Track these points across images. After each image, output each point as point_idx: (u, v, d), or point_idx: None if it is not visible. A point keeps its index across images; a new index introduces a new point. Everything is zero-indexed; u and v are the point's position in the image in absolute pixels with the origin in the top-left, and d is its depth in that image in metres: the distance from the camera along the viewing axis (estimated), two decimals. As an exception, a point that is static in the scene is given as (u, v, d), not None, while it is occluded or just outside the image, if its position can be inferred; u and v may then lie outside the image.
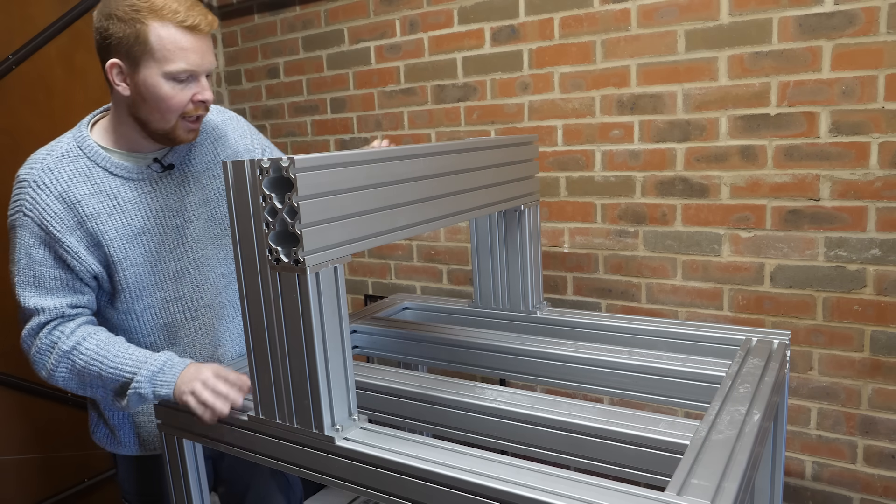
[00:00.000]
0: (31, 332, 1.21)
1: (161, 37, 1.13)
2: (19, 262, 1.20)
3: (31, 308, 1.20)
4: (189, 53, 1.15)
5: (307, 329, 0.97)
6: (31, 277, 1.19)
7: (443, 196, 1.24)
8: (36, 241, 1.18)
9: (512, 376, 1.44)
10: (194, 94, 1.18)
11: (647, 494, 0.82)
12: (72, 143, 1.23)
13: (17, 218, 1.19)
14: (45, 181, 1.18)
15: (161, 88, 1.15)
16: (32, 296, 1.20)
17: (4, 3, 2.05)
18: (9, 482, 2.16)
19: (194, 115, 1.20)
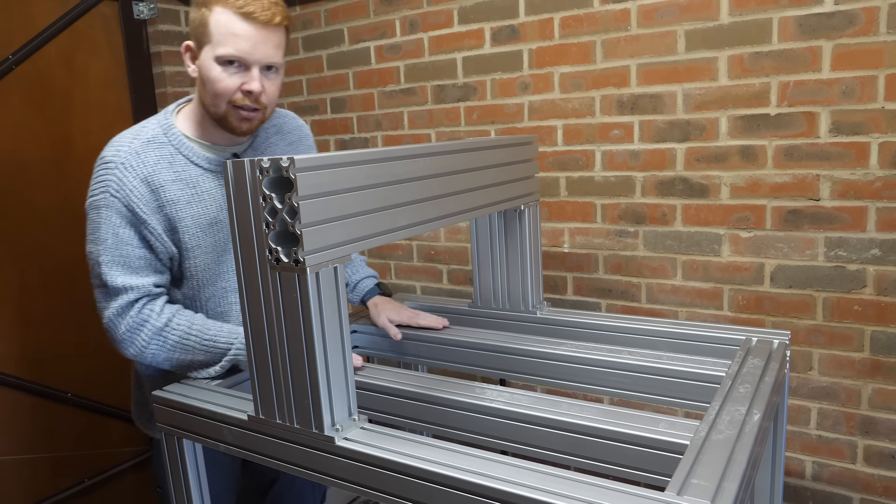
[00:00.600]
0: (120, 310, 1.23)
1: (218, 21, 1.17)
2: (105, 242, 1.22)
3: (120, 286, 1.22)
4: (240, 40, 1.17)
5: (307, 329, 0.97)
6: (118, 257, 1.22)
7: (443, 196, 1.24)
8: (123, 221, 1.22)
9: (512, 376, 1.44)
10: (242, 83, 1.20)
11: (647, 494, 0.82)
12: (157, 130, 1.27)
13: (104, 198, 1.22)
14: (133, 164, 1.22)
15: (212, 71, 1.20)
16: (120, 274, 1.22)
17: (4, 3, 2.05)
18: (9, 482, 2.16)
19: (242, 104, 1.22)
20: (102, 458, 2.38)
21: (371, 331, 1.63)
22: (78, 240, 2.24)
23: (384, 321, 1.54)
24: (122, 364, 2.41)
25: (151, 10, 2.39)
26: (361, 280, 1.60)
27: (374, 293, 1.60)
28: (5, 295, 2.11)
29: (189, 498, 1.25)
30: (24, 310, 2.15)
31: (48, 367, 2.22)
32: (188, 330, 1.25)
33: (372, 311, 1.58)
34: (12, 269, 2.12)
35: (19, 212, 2.12)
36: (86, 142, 2.28)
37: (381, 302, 1.58)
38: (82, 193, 2.27)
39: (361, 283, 1.60)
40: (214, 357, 1.27)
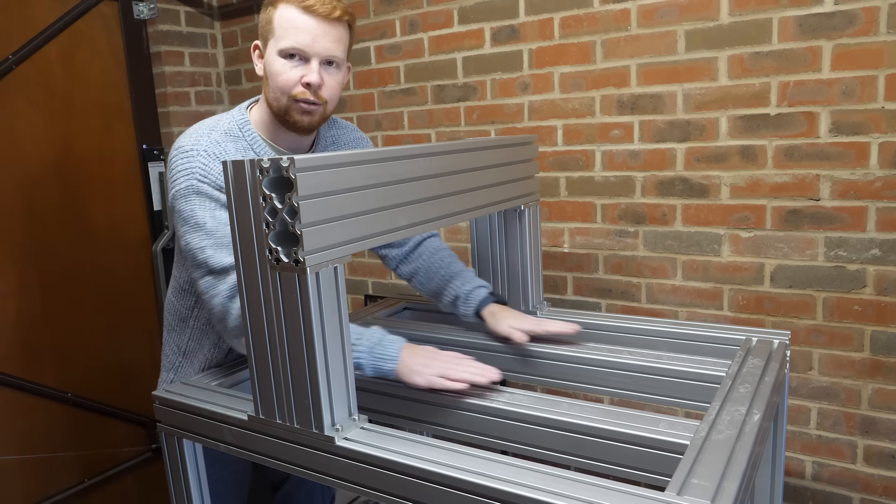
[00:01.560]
0: (232, 292, 1.18)
1: (282, 16, 1.21)
2: (205, 226, 1.20)
3: (228, 266, 1.18)
4: (300, 33, 1.20)
5: (307, 329, 0.97)
6: (220, 238, 1.20)
7: (443, 196, 1.24)
8: (216, 203, 1.21)
9: (512, 376, 1.44)
10: (302, 76, 1.22)
11: (647, 494, 0.82)
12: (233, 124, 1.29)
13: (192, 185, 1.21)
14: (215, 152, 1.23)
15: (274, 64, 1.23)
16: (226, 255, 1.19)
17: (4, 3, 2.05)
18: (9, 482, 2.16)
19: (302, 97, 1.23)
20: (102, 458, 2.38)
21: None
22: (77, 238, 2.25)
23: (506, 328, 1.39)
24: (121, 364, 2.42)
25: (151, 10, 2.39)
26: (474, 289, 1.46)
27: (488, 301, 1.44)
28: (5, 294, 2.11)
29: (189, 498, 1.25)
30: (24, 310, 2.15)
31: (48, 367, 2.22)
32: None
33: (489, 320, 1.42)
34: (12, 269, 2.12)
35: (19, 212, 2.12)
36: (86, 142, 2.28)
37: (499, 310, 1.43)
38: (82, 193, 2.28)
39: (475, 293, 1.45)
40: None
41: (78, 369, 2.28)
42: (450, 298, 1.48)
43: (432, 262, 1.53)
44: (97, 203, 2.31)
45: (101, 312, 2.33)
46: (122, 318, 2.39)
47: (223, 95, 2.82)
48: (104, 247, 2.32)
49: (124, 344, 2.40)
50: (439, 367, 1.14)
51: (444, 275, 1.50)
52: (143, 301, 2.45)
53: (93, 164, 2.30)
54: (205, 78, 2.75)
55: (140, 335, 2.45)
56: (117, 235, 2.37)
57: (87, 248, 2.29)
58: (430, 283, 1.53)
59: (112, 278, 2.35)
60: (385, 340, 1.17)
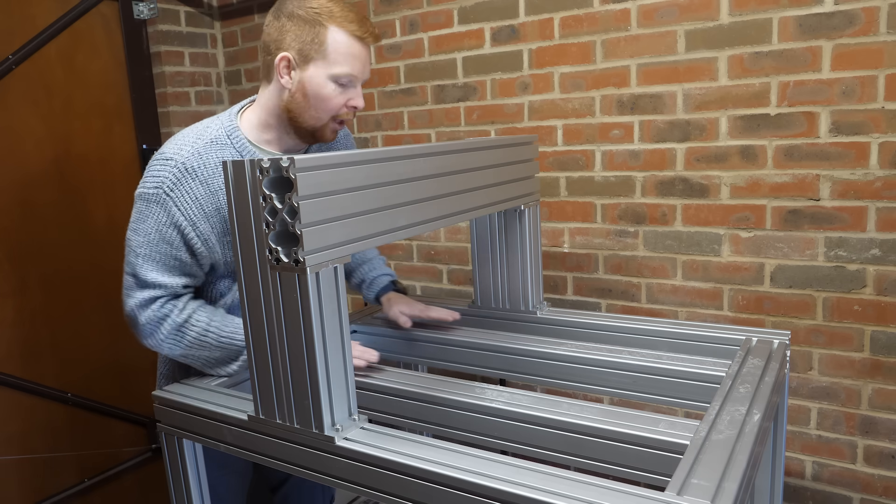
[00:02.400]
0: (143, 303, 1.24)
1: (337, 41, 1.21)
2: (148, 235, 1.23)
3: (150, 282, 1.24)
4: (356, 61, 1.23)
5: (307, 329, 0.97)
6: (155, 253, 1.23)
7: (443, 196, 1.24)
8: (169, 221, 1.22)
9: (512, 376, 1.44)
10: (349, 100, 1.26)
11: (647, 494, 0.82)
12: (221, 131, 1.28)
13: (156, 194, 1.21)
14: (193, 165, 1.22)
15: (325, 88, 1.23)
16: (152, 270, 1.23)
17: (4, 3, 2.05)
18: (9, 482, 2.16)
19: (343, 118, 1.28)
20: (102, 458, 2.38)
21: (371, 331, 1.63)
22: (77, 238, 2.25)
23: (395, 312, 1.55)
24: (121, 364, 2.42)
25: (151, 10, 2.39)
26: (378, 277, 1.62)
27: (388, 289, 1.61)
28: (5, 294, 2.11)
29: (189, 498, 1.25)
30: (23, 310, 2.15)
31: (48, 367, 2.21)
32: (206, 326, 1.25)
33: (385, 306, 1.58)
34: (12, 269, 2.12)
35: (19, 212, 2.12)
36: (86, 142, 2.28)
37: (394, 297, 1.59)
38: (82, 193, 2.28)
39: (378, 280, 1.61)
40: (230, 354, 1.28)
41: (78, 369, 2.28)
42: (357, 281, 1.63)
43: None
44: (97, 203, 2.31)
45: (101, 312, 2.33)
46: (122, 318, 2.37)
47: (223, 95, 2.82)
48: (104, 247, 2.32)
49: (124, 344, 2.40)
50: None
51: (357, 258, 1.63)
52: (143, 301, 2.45)
53: (93, 164, 2.29)
54: (205, 78, 2.75)
55: (140, 335, 2.45)
56: (117, 235, 2.35)
57: (87, 248, 2.29)
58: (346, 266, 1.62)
59: (112, 278, 2.34)
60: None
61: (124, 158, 2.38)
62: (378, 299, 1.61)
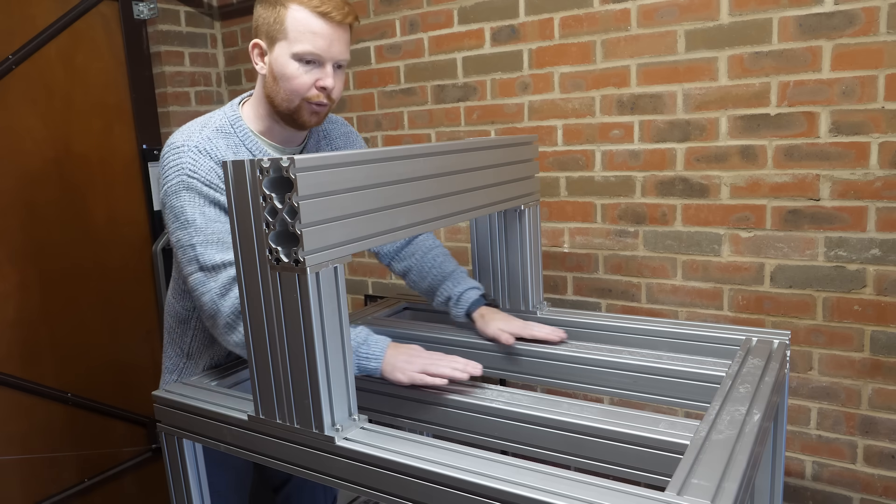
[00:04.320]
0: (223, 289, 1.18)
1: (297, 18, 1.20)
2: (194, 223, 1.20)
3: (219, 263, 1.18)
4: (317, 38, 1.21)
5: (307, 329, 0.97)
6: (210, 235, 1.20)
7: (443, 196, 1.24)
8: (205, 200, 1.21)
9: (512, 376, 1.44)
10: (318, 80, 1.24)
11: (647, 494, 0.82)
12: (224, 120, 1.29)
13: (182, 181, 1.21)
14: (206, 148, 1.23)
15: (288, 67, 1.22)
16: (216, 252, 1.19)
17: (4, 3, 2.05)
18: (9, 482, 2.16)
19: (316, 100, 1.25)
20: (102, 458, 2.38)
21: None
22: (77, 238, 2.25)
23: (494, 330, 1.42)
24: (121, 364, 2.42)
25: (151, 10, 2.39)
26: (465, 291, 1.49)
27: (479, 304, 1.47)
28: (5, 295, 2.11)
29: (189, 498, 1.25)
30: (24, 310, 2.15)
31: (48, 367, 2.21)
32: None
33: (479, 323, 1.46)
34: (12, 269, 2.12)
35: (19, 212, 2.12)
36: (86, 142, 2.28)
37: (489, 312, 1.46)
38: (82, 193, 2.28)
39: (466, 294, 1.48)
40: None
41: (78, 369, 2.28)
42: (442, 298, 1.51)
43: (425, 262, 1.55)
44: (97, 203, 2.31)
45: (101, 312, 2.33)
46: (122, 318, 2.39)
47: (223, 95, 2.82)
48: (104, 247, 2.32)
49: (124, 344, 2.40)
50: (421, 364, 1.17)
51: (437, 274, 1.53)
52: (143, 301, 2.45)
53: (93, 164, 2.29)
54: (205, 78, 2.75)
55: (140, 335, 2.45)
56: (117, 235, 2.37)
57: (88, 248, 2.29)
58: (422, 281, 1.56)
59: (112, 278, 2.35)
60: (370, 340, 1.19)
61: (124, 158, 2.38)
62: (469, 315, 1.48)
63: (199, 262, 1.19)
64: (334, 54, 1.24)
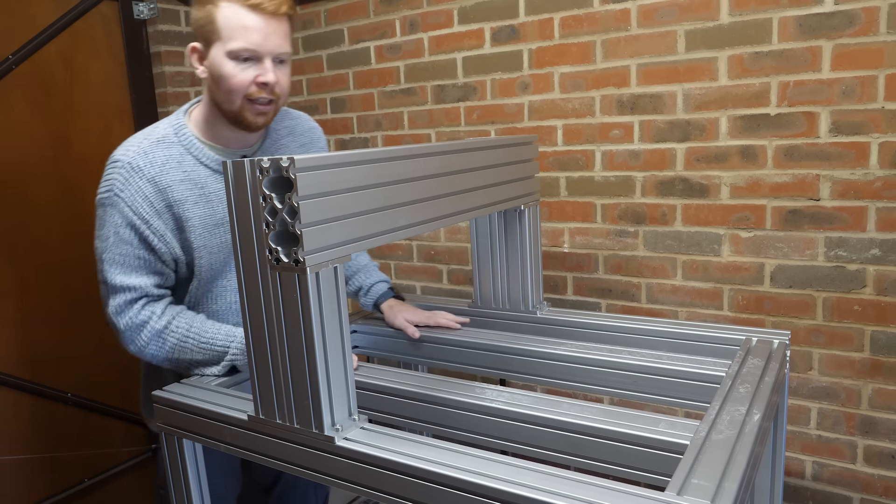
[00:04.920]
0: (119, 308, 1.26)
1: (227, 16, 1.17)
2: (108, 240, 1.24)
3: (118, 285, 1.25)
4: (250, 33, 1.17)
5: (307, 329, 0.97)
6: (117, 255, 1.24)
7: (443, 196, 1.24)
8: (124, 221, 1.23)
9: (512, 376, 1.44)
10: (257, 76, 1.20)
11: (647, 494, 0.82)
12: (168, 130, 1.28)
13: (109, 197, 1.23)
14: (140, 164, 1.22)
15: (224, 67, 1.19)
16: (119, 273, 1.24)
17: (4, 3, 2.05)
18: (9, 482, 2.16)
19: (258, 97, 1.22)
20: (102, 458, 2.38)
21: (371, 330, 1.63)
22: (77, 239, 2.25)
23: (401, 321, 1.55)
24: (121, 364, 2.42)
25: (151, 10, 2.39)
26: (375, 284, 1.61)
27: (388, 296, 1.61)
28: (5, 294, 2.11)
29: (189, 498, 1.25)
30: (24, 310, 2.15)
31: (48, 367, 2.21)
32: (186, 332, 1.26)
33: (387, 314, 1.58)
34: (12, 269, 2.12)
35: (19, 211, 2.12)
36: (86, 142, 2.28)
37: (396, 304, 1.59)
38: (82, 193, 2.28)
39: (375, 287, 1.61)
40: (213, 358, 1.28)
41: (78, 369, 2.28)
42: (353, 289, 1.61)
43: None
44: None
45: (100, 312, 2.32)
46: (122, 318, 2.39)
47: (223, 95, 2.82)
48: (104, 247, 2.32)
49: (124, 344, 2.40)
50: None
51: (351, 266, 1.61)
52: (143, 301, 2.45)
53: (93, 164, 2.29)
54: (205, 78, 2.75)
55: (140, 335, 2.45)
56: (117, 235, 2.37)
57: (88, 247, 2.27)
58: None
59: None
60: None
61: (124, 158, 2.38)
62: (377, 306, 1.61)
63: (103, 276, 1.26)
64: (271, 48, 1.20)
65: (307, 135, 1.48)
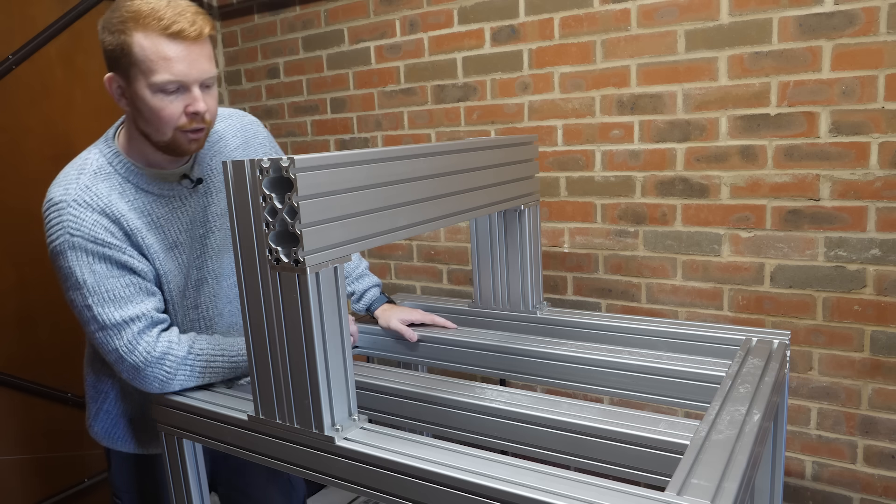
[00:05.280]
0: (130, 345, 1.15)
1: (144, 47, 1.08)
2: (86, 284, 1.14)
3: (119, 322, 1.14)
4: (173, 63, 1.09)
5: (307, 329, 0.97)
6: (104, 294, 1.14)
7: (443, 196, 1.24)
8: (93, 257, 1.14)
9: (512, 376, 1.44)
10: (187, 106, 1.12)
11: (647, 494, 0.82)
12: (101, 160, 1.20)
13: (65, 241, 1.13)
14: (85, 199, 1.14)
15: (150, 101, 1.11)
16: (115, 310, 1.14)
17: (4, 3, 2.05)
18: (9, 482, 2.16)
19: (190, 127, 1.14)
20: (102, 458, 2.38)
21: (371, 330, 1.63)
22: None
23: (397, 324, 1.55)
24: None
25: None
26: (368, 289, 1.60)
27: (381, 301, 1.60)
28: (5, 294, 2.11)
29: (189, 498, 1.25)
30: (23, 310, 2.15)
31: (48, 367, 2.21)
32: (212, 353, 1.21)
33: (381, 318, 1.58)
34: (12, 269, 2.12)
35: (19, 211, 2.12)
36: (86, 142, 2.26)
37: (389, 308, 1.59)
38: (82, 193, 2.27)
39: (369, 293, 1.60)
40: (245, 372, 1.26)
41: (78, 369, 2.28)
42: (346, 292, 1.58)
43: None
44: (97, 203, 2.31)
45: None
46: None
47: (223, 95, 2.82)
48: (104, 247, 2.32)
49: (124, 344, 2.40)
50: None
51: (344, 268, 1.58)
52: (143, 301, 2.45)
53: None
54: (205, 78, 2.74)
55: (140, 335, 2.45)
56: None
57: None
58: None
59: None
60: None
61: (124, 158, 2.38)
62: (369, 310, 1.60)
63: (98, 323, 1.15)
64: (197, 75, 1.11)
65: (243, 132, 1.38)
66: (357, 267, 1.61)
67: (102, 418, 1.36)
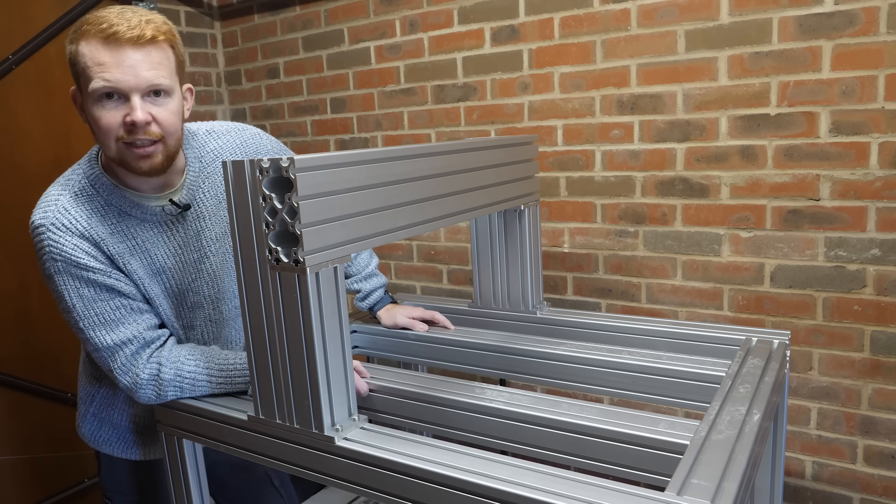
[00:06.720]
0: (124, 367, 1.15)
1: (83, 54, 1.05)
2: (76, 308, 1.13)
3: (111, 345, 1.14)
4: (106, 69, 1.03)
5: (307, 329, 0.97)
6: (94, 317, 1.14)
7: (443, 196, 1.24)
8: (78, 281, 1.12)
9: (512, 376, 1.44)
10: (125, 116, 1.05)
11: (647, 494, 0.82)
12: (84, 181, 1.16)
13: (51, 266, 1.11)
14: (64, 222, 1.11)
15: (91, 111, 1.07)
16: (106, 334, 1.14)
17: (4, 3, 2.05)
18: (8, 482, 2.16)
19: (130, 140, 1.07)
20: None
21: (371, 330, 1.63)
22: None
23: (404, 320, 1.56)
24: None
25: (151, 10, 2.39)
26: (375, 290, 1.60)
27: (385, 302, 1.61)
28: (5, 295, 2.11)
29: (189, 498, 1.25)
30: (23, 310, 2.15)
31: (48, 367, 2.21)
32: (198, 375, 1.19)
33: (386, 318, 1.59)
34: (12, 269, 2.12)
35: (19, 212, 2.12)
36: (86, 142, 2.27)
37: (393, 307, 1.60)
38: (82, 193, 2.27)
39: (375, 293, 1.60)
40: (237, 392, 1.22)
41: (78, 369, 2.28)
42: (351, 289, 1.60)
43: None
44: (97, 203, 2.31)
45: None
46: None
47: (223, 95, 2.82)
48: (104, 247, 2.32)
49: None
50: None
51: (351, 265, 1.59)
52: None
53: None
54: (205, 78, 2.75)
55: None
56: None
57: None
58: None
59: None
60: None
61: (124, 158, 2.38)
62: (372, 310, 1.61)
63: (92, 345, 1.15)
64: (134, 83, 1.04)
65: (242, 148, 1.31)
66: (367, 265, 1.60)
67: (90, 420, 1.36)
